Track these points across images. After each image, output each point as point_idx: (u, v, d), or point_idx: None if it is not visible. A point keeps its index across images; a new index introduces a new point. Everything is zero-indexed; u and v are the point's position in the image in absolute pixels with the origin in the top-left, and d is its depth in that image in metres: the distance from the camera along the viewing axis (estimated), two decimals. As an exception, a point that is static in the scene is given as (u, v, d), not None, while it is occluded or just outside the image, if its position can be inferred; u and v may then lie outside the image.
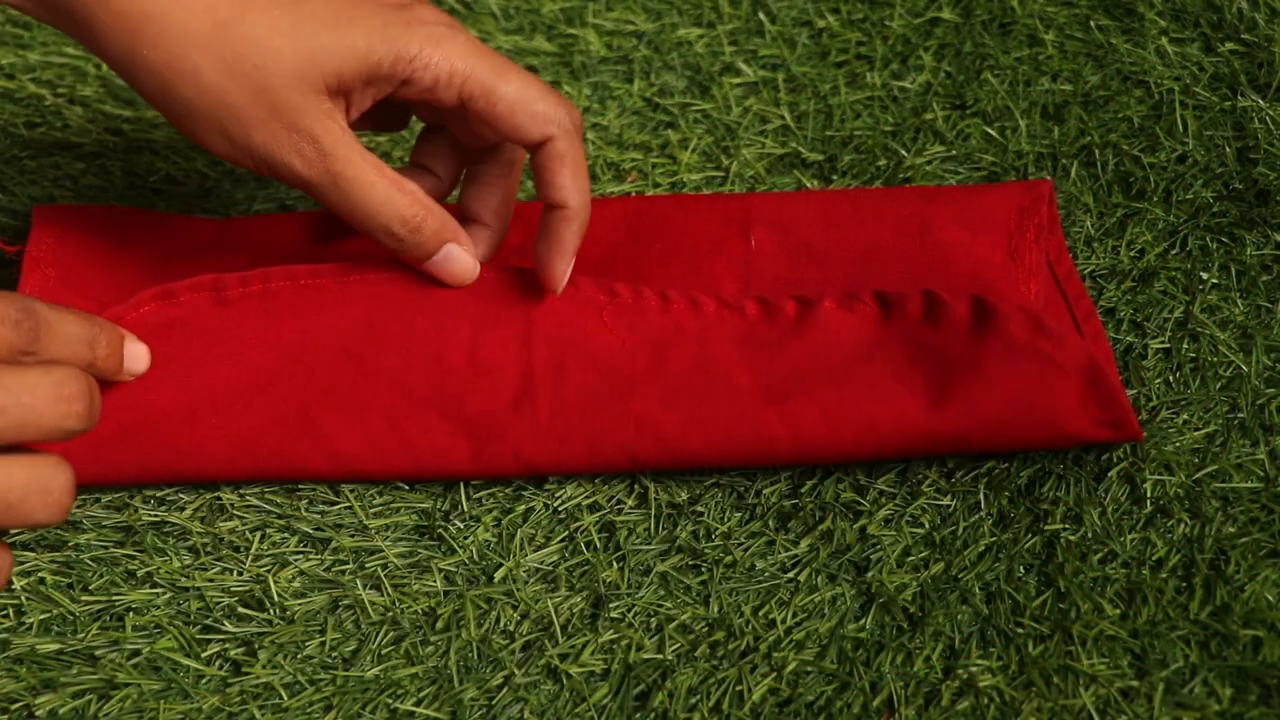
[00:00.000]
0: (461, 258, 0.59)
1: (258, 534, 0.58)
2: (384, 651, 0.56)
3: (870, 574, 0.57)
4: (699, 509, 0.59)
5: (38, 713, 0.54)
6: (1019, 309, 0.57)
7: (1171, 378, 0.61)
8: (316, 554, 0.58)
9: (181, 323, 0.59)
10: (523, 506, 0.59)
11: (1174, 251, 0.65)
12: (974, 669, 0.54)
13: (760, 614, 0.56)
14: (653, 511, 0.59)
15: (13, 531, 0.58)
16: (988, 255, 0.61)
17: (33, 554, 0.58)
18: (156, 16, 0.53)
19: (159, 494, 0.59)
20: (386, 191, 0.56)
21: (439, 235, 0.58)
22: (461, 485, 0.59)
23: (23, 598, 0.57)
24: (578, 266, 0.60)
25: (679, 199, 0.65)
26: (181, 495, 0.59)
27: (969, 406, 0.56)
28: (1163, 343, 0.62)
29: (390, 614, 0.57)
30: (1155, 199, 0.66)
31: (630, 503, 0.59)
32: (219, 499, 0.59)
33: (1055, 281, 0.62)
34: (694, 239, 0.63)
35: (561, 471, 0.58)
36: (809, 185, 0.68)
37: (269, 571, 0.57)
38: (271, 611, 0.57)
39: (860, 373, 0.58)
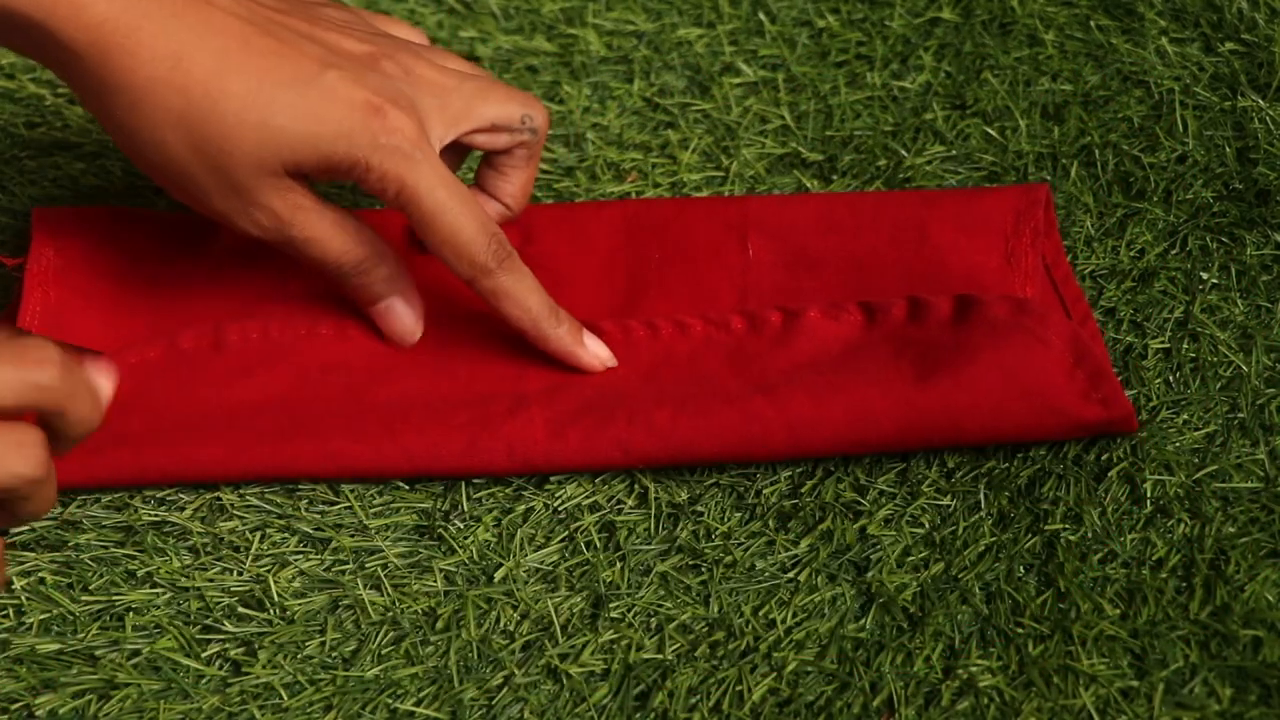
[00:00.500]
0: (404, 313, 0.61)
1: (258, 534, 0.58)
2: (384, 651, 0.56)
3: (870, 574, 0.57)
4: (699, 509, 0.59)
5: (38, 713, 0.54)
6: (1001, 296, 0.58)
7: (1171, 378, 0.61)
8: (316, 554, 0.58)
9: (183, 365, 0.61)
10: (523, 506, 0.59)
11: (1174, 251, 0.65)
12: (974, 669, 0.54)
13: (760, 614, 0.56)
14: (653, 511, 0.59)
15: (13, 531, 0.58)
16: (983, 260, 0.61)
17: (33, 554, 0.58)
18: (132, 89, 0.54)
19: (159, 494, 0.60)
20: (342, 246, 0.59)
21: (388, 283, 0.61)
22: (462, 485, 0.59)
23: (23, 598, 0.57)
24: (568, 304, 0.61)
25: (677, 202, 0.65)
26: (181, 495, 0.59)
27: (955, 379, 0.57)
28: (1163, 343, 0.62)
29: (390, 614, 0.57)
30: (1155, 199, 0.66)
31: (630, 503, 0.59)
32: (219, 499, 0.59)
33: (1052, 285, 0.62)
34: (692, 248, 0.63)
35: (555, 468, 0.58)
36: (809, 185, 0.68)
37: (269, 571, 0.57)
38: (271, 611, 0.57)
39: (847, 364, 0.58)
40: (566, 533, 0.58)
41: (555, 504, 0.59)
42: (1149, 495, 0.58)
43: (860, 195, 0.65)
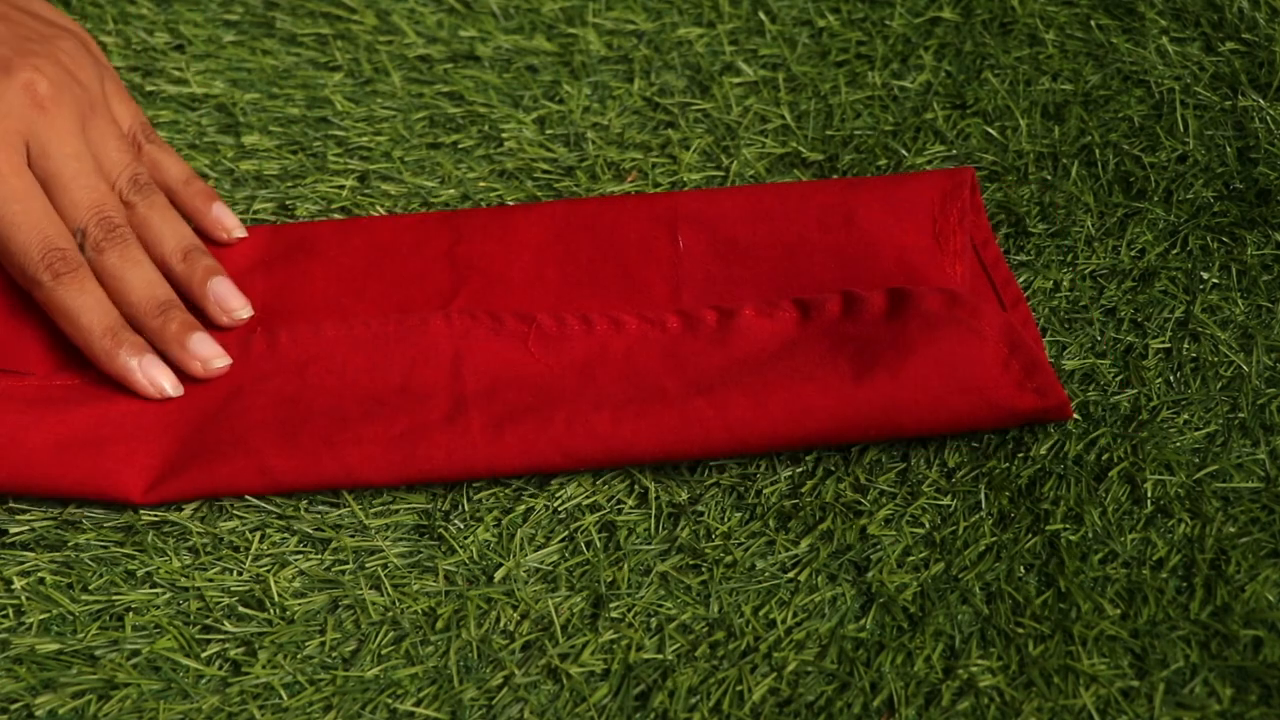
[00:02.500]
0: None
1: (258, 534, 0.58)
2: (384, 651, 0.56)
3: (870, 574, 0.57)
4: (699, 509, 0.59)
5: (37, 713, 0.54)
6: (933, 288, 0.58)
7: (1172, 377, 0.61)
8: (316, 554, 0.58)
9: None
10: (523, 506, 0.59)
11: (1174, 251, 0.65)
12: (974, 669, 0.54)
13: (760, 614, 0.56)
14: (653, 511, 0.59)
15: (13, 530, 0.58)
16: (913, 240, 0.62)
17: (32, 554, 0.58)
18: None
19: (159, 494, 0.60)
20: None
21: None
22: (462, 485, 0.59)
23: (23, 598, 0.57)
24: (501, 298, 0.62)
25: (606, 200, 0.65)
26: (181, 495, 0.59)
27: (892, 374, 0.57)
28: (1163, 342, 0.62)
29: (390, 614, 0.57)
30: (1156, 198, 0.66)
31: (630, 503, 0.59)
32: (219, 499, 0.59)
33: (983, 268, 0.62)
34: (623, 243, 0.63)
35: (495, 472, 0.58)
36: (809, 185, 0.68)
37: (269, 571, 0.57)
38: (271, 611, 0.57)
39: (785, 362, 0.58)
40: (566, 533, 0.58)
41: (555, 504, 0.59)
42: (1149, 495, 0.58)
43: (788, 184, 0.65)
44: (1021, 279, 0.64)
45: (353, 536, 0.58)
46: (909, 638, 0.55)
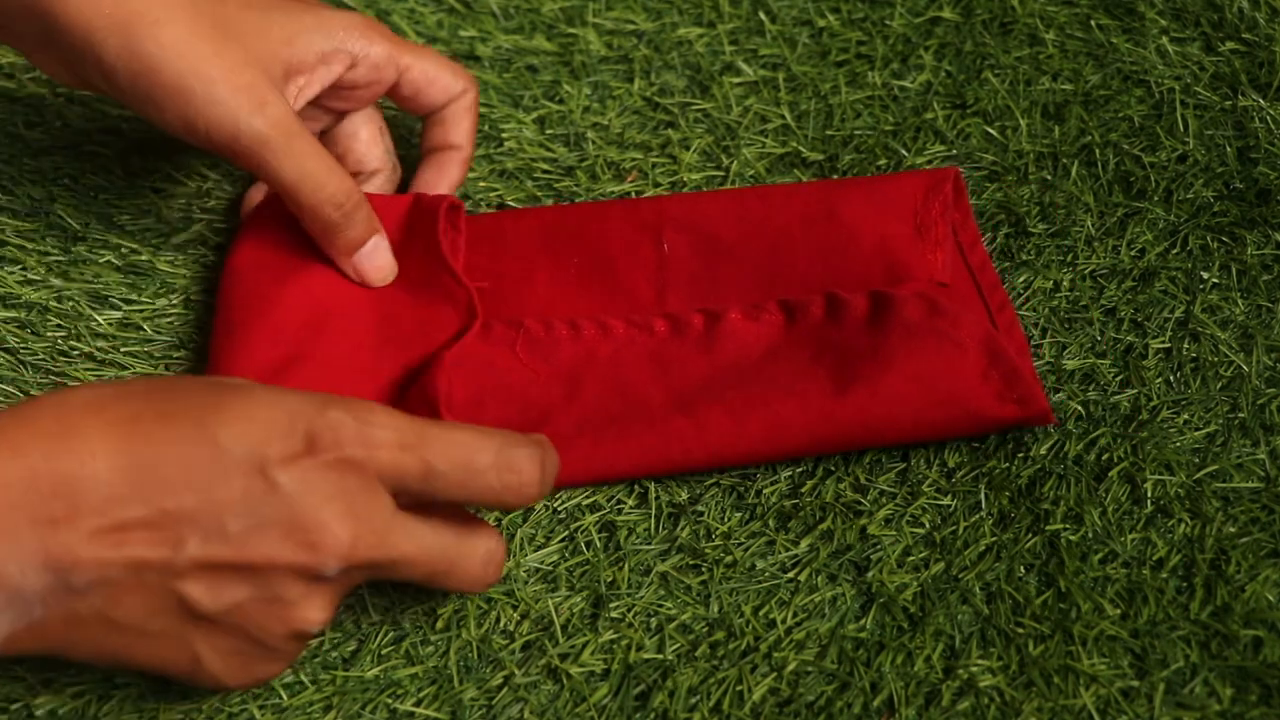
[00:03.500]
0: (386, 252, 0.62)
1: (258, 534, 0.58)
2: (384, 651, 0.56)
3: (870, 574, 0.57)
4: (699, 509, 0.59)
5: (37, 713, 0.54)
6: (915, 295, 0.58)
7: (1172, 377, 0.61)
8: (316, 554, 0.58)
9: None
10: (523, 506, 0.59)
11: (1174, 251, 0.65)
12: (974, 669, 0.54)
13: (760, 614, 0.56)
14: (653, 511, 0.59)
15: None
16: (894, 231, 0.62)
17: (33, 554, 0.58)
18: None
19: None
20: (330, 168, 0.59)
21: (370, 224, 0.61)
22: (461, 485, 0.59)
23: (23, 598, 0.57)
24: (488, 310, 0.61)
25: (594, 206, 0.65)
26: (181, 495, 0.59)
27: (872, 389, 0.57)
28: (1163, 342, 0.62)
29: (390, 614, 0.57)
30: (1156, 198, 0.66)
31: (630, 503, 0.59)
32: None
33: (968, 270, 0.62)
34: (610, 249, 0.63)
35: None
36: (809, 185, 0.68)
37: (269, 571, 0.57)
38: (271, 611, 0.57)
39: (765, 374, 0.59)
40: (566, 533, 0.58)
41: (555, 504, 0.59)
42: (1149, 495, 0.58)
43: (772, 186, 0.65)
44: (1021, 279, 0.64)
45: (353, 536, 0.58)
46: (909, 638, 0.55)
